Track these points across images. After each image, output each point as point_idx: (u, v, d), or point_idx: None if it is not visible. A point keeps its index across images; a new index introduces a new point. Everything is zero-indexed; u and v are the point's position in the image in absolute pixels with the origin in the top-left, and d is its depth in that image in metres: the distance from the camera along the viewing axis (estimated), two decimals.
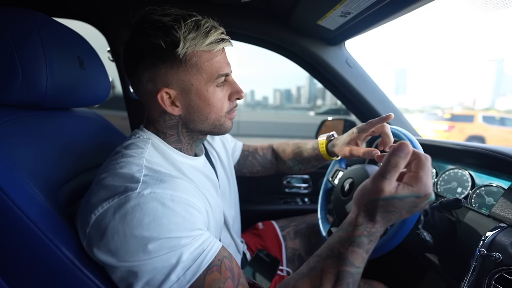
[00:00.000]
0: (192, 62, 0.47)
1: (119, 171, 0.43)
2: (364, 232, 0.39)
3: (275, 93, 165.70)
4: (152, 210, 0.38)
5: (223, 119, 0.54)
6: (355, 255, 0.39)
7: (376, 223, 0.40)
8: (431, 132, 6.80)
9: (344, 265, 0.38)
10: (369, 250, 0.40)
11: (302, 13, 0.80)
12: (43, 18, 0.51)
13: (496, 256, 0.49)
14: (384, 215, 0.39)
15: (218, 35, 0.48)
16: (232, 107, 0.55)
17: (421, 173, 0.37)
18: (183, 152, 0.55)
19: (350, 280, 0.38)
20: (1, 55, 0.45)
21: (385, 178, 0.38)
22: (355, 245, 0.39)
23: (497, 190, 0.64)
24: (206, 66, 0.48)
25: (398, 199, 0.37)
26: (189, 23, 0.45)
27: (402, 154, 0.37)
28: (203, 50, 0.47)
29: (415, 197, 0.37)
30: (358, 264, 0.39)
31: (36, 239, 0.39)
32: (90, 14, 0.90)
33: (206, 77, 0.48)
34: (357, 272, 0.39)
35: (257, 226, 0.97)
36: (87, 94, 0.63)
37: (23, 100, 0.49)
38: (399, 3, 0.65)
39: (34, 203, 0.41)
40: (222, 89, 0.52)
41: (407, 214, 0.40)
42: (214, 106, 0.51)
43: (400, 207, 0.38)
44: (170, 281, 0.37)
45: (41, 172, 0.47)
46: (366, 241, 0.39)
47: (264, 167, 0.88)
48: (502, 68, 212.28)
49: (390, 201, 0.38)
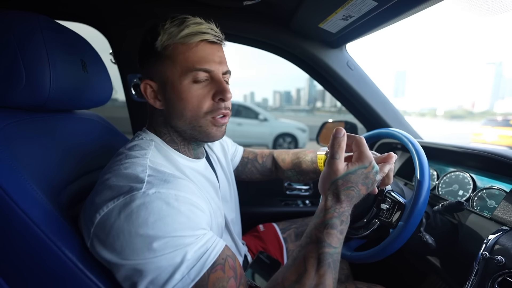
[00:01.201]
0: (168, 53, 0.48)
1: (123, 171, 0.43)
2: (335, 213, 0.43)
3: (275, 94, 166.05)
4: (157, 210, 0.38)
5: (202, 120, 0.51)
6: (330, 236, 0.42)
7: (342, 202, 0.44)
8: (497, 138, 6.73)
9: (323, 247, 0.41)
10: (343, 230, 0.44)
11: (303, 16, 0.80)
12: (47, 20, 0.52)
13: (498, 260, 0.49)
14: (346, 193, 0.44)
15: (197, 28, 0.47)
16: (216, 109, 0.51)
17: (362, 149, 0.46)
18: (182, 153, 0.55)
19: (330, 260, 0.41)
20: (5, 58, 0.46)
21: (336, 159, 0.45)
22: (329, 227, 0.42)
23: (499, 193, 0.64)
24: (181, 58, 0.48)
25: (351, 174, 0.44)
26: (176, 20, 0.47)
27: (339, 136, 0.45)
28: (179, 42, 0.47)
29: (363, 169, 0.45)
30: (335, 244, 0.42)
31: (39, 241, 0.39)
32: (93, 17, 0.90)
33: (181, 70, 0.48)
34: (335, 252, 0.42)
35: (258, 228, 0.97)
36: (90, 97, 0.63)
37: (26, 102, 0.49)
38: (401, 7, 0.65)
39: (37, 205, 0.41)
40: (203, 86, 0.50)
41: (364, 189, 0.45)
42: (188, 102, 0.49)
43: (355, 181, 0.44)
44: (175, 279, 0.38)
45: (43, 174, 0.47)
46: (338, 222, 0.43)
47: (263, 175, 0.88)
48: (500, 71, 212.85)
49: (346, 177, 0.44)
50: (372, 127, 1.08)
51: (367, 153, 0.45)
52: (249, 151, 0.89)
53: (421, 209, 0.52)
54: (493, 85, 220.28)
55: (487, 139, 6.92)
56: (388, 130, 0.67)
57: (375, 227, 0.61)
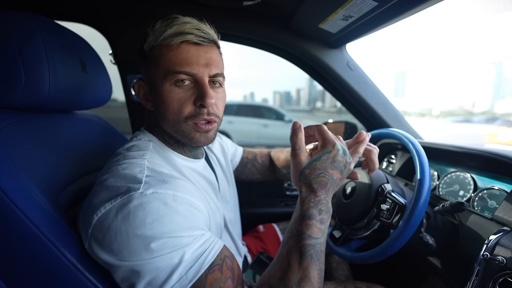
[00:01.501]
0: (152, 55, 0.48)
1: (121, 172, 0.43)
2: (311, 204, 0.43)
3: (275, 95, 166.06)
4: (154, 210, 0.38)
5: (183, 125, 0.49)
6: (310, 227, 0.41)
7: (317, 191, 0.43)
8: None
9: (303, 240, 0.41)
10: (323, 220, 0.43)
11: (303, 17, 0.80)
12: (46, 21, 0.52)
13: (500, 260, 0.49)
14: (317, 181, 0.44)
15: (179, 29, 0.45)
16: (197, 114, 0.48)
17: (324, 135, 0.46)
18: (179, 153, 0.55)
19: (312, 252, 0.41)
20: (4, 58, 0.46)
21: (296, 149, 0.45)
22: (307, 219, 0.42)
23: (500, 193, 0.64)
24: (162, 60, 0.46)
25: (316, 161, 0.44)
26: (166, 21, 0.46)
27: (296, 128, 0.46)
28: (161, 44, 0.46)
29: (327, 153, 0.44)
30: (316, 235, 0.42)
31: (38, 242, 0.39)
32: (92, 17, 0.90)
33: (162, 73, 0.46)
34: (317, 243, 0.41)
35: (258, 229, 0.97)
36: (90, 97, 0.63)
37: (26, 103, 0.49)
38: (401, 7, 0.65)
39: (36, 206, 0.41)
40: (185, 90, 0.47)
41: (336, 173, 0.44)
42: (169, 105, 0.47)
43: (323, 167, 0.44)
44: (172, 280, 0.37)
45: (43, 175, 0.47)
46: (315, 211, 0.42)
47: (263, 174, 0.88)
48: (501, 71, 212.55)
49: (311, 165, 0.44)
50: (372, 128, 1.08)
51: (329, 137, 0.45)
52: (248, 151, 0.89)
53: (422, 210, 0.52)
54: (494, 85, 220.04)
55: (502, 139, 6.88)
56: (389, 131, 0.66)
57: (376, 227, 0.61)
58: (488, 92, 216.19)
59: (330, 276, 0.91)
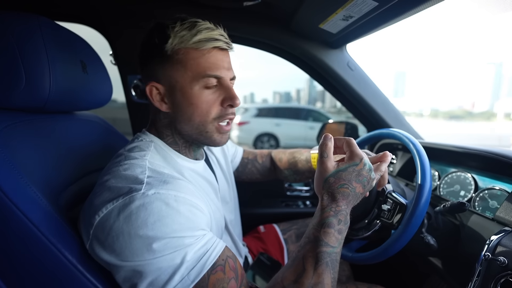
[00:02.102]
0: (178, 58, 0.48)
1: (122, 173, 0.43)
2: (331, 212, 0.44)
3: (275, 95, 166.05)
4: (156, 210, 0.38)
5: (209, 126, 0.51)
6: (328, 235, 0.42)
7: (338, 200, 0.44)
8: None
9: (320, 246, 0.42)
10: (341, 230, 0.44)
11: (304, 17, 0.80)
12: (46, 22, 0.52)
13: (501, 261, 0.49)
14: (341, 191, 0.44)
15: (209, 35, 0.47)
16: (223, 114, 0.52)
17: (352, 148, 0.47)
18: (181, 154, 0.55)
19: (328, 260, 0.41)
20: (4, 59, 0.46)
21: (324, 157, 0.46)
22: (326, 227, 0.43)
23: (501, 193, 0.64)
24: (192, 64, 0.48)
25: (342, 171, 0.45)
26: (186, 23, 0.47)
27: (327, 140, 0.47)
28: (190, 48, 0.47)
29: (354, 166, 0.45)
30: (333, 243, 0.42)
31: (39, 243, 0.39)
32: (92, 18, 0.90)
33: (192, 75, 0.48)
34: (333, 251, 0.42)
35: (258, 229, 0.96)
36: (90, 98, 0.63)
37: (26, 103, 0.49)
38: (401, 7, 0.65)
39: (36, 207, 0.41)
40: (213, 92, 0.50)
41: (359, 187, 0.45)
42: (197, 107, 0.49)
43: (348, 179, 0.45)
44: (174, 281, 0.37)
45: (43, 176, 0.47)
46: (335, 221, 0.43)
47: (263, 175, 0.88)
48: (500, 71, 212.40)
49: (337, 174, 0.45)
50: (372, 128, 1.08)
51: (357, 151, 0.46)
52: (249, 151, 0.89)
53: (423, 210, 0.52)
54: (493, 85, 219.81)
55: None
56: (389, 131, 0.66)
57: (377, 228, 0.61)
58: (488, 93, 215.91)
59: None
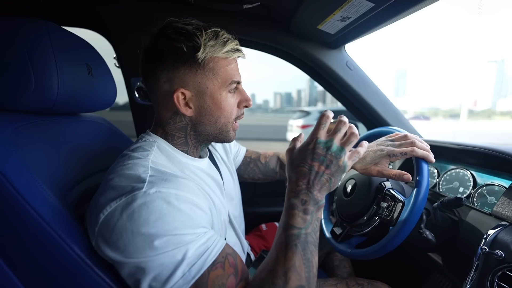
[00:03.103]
0: (210, 66, 0.51)
1: (125, 172, 0.45)
2: (292, 194, 0.45)
3: (276, 96, 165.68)
4: (158, 209, 0.40)
5: (230, 125, 0.56)
6: (293, 217, 0.44)
7: (297, 180, 0.46)
8: None
9: (287, 230, 0.43)
10: (308, 211, 0.44)
11: (302, 18, 0.82)
12: (54, 27, 0.54)
13: (498, 254, 0.50)
14: (297, 170, 0.46)
15: (234, 45, 0.53)
16: (239, 115, 0.58)
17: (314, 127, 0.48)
18: (188, 154, 0.57)
19: (297, 242, 0.42)
20: (15, 63, 0.48)
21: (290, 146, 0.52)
22: (289, 209, 0.44)
23: (499, 189, 0.65)
24: (222, 71, 0.52)
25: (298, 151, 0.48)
26: (209, 32, 0.50)
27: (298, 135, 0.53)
28: (220, 57, 0.51)
29: (306, 145, 0.47)
30: (299, 225, 0.43)
31: (50, 239, 0.40)
32: (96, 22, 0.93)
33: (221, 82, 0.52)
34: (300, 233, 0.43)
35: (260, 227, 0.98)
36: (95, 100, 0.65)
37: (35, 106, 0.51)
38: (397, 7, 0.66)
39: (47, 204, 0.43)
40: (233, 95, 0.55)
41: (321, 167, 0.45)
42: (224, 110, 0.54)
43: (303, 157, 0.46)
44: (176, 276, 0.39)
45: (52, 175, 0.49)
46: (297, 201, 0.44)
47: (265, 175, 0.89)
48: (502, 69, 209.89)
49: (294, 155, 0.48)
50: (372, 126, 1.09)
51: (313, 130, 0.48)
52: (252, 151, 0.90)
53: (420, 207, 0.53)
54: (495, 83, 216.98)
55: None
56: (388, 129, 0.67)
57: (376, 224, 0.62)
58: (490, 90, 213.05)
59: (332, 273, 0.91)
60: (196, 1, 0.82)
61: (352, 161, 0.48)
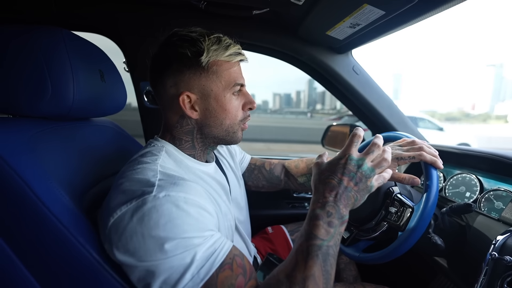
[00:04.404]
0: (213, 69, 0.52)
1: (135, 176, 0.45)
2: (318, 204, 0.45)
3: (275, 97, 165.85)
4: (167, 212, 0.40)
5: (236, 127, 0.58)
6: (316, 228, 0.43)
7: (324, 192, 0.46)
8: None
9: (310, 240, 0.43)
10: (332, 223, 0.44)
11: (311, 24, 0.83)
12: (69, 34, 0.54)
13: (507, 260, 0.50)
14: (326, 182, 0.47)
15: (236, 49, 0.55)
16: (245, 117, 0.59)
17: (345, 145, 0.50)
18: (196, 158, 0.58)
19: (318, 252, 0.42)
20: (33, 71, 0.48)
21: (318, 158, 0.53)
22: (314, 219, 0.44)
23: (506, 194, 0.66)
24: (225, 74, 0.53)
25: (328, 164, 0.49)
26: (212, 38, 0.52)
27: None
28: (223, 60, 0.53)
29: (339, 159, 0.48)
30: (322, 236, 0.43)
31: (69, 244, 0.41)
32: (108, 28, 0.93)
33: (224, 84, 0.53)
34: (323, 244, 0.43)
35: (266, 230, 0.98)
36: (107, 104, 0.66)
37: (52, 112, 0.52)
38: (408, 15, 0.67)
39: (65, 209, 0.43)
40: (237, 98, 0.57)
41: (350, 182, 0.46)
42: (229, 112, 0.55)
43: (333, 170, 0.47)
44: (185, 279, 0.39)
45: (68, 180, 0.50)
46: (323, 213, 0.44)
47: (270, 182, 0.88)
48: (501, 73, 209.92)
49: (324, 166, 0.49)
50: (378, 131, 1.10)
51: (345, 146, 0.49)
52: (256, 159, 0.90)
53: (430, 213, 0.54)
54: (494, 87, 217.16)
55: None
56: (395, 134, 0.68)
57: (384, 229, 0.63)
58: (488, 94, 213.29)
59: (338, 277, 0.92)
60: (207, 8, 0.83)
61: (378, 184, 0.48)
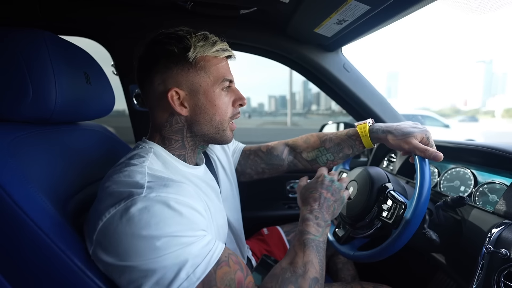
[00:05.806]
0: (201, 65, 0.52)
1: (123, 179, 0.44)
2: (307, 211, 0.59)
3: (270, 99, 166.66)
4: (159, 212, 0.39)
5: (226, 124, 0.56)
6: (308, 226, 0.56)
7: (310, 202, 0.60)
8: None
9: (305, 235, 0.54)
10: (320, 224, 0.57)
11: (299, 22, 0.83)
12: (51, 36, 0.53)
13: (503, 253, 0.50)
14: (310, 195, 0.61)
15: (223, 45, 0.55)
16: (235, 113, 0.58)
17: None
18: (185, 161, 0.57)
19: (313, 244, 0.53)
20: (12, 74, 0.47)
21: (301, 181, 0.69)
22: (306, 221, 0.57)
23: (500, 187, 0.65)
24: (213, 69, 0.53)
25: (310, 183, 0.65)
26: (199, 35, 0.52)
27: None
28: (210, 56, 0.53)
29: (317, 178, 0.65)
30: (314, 233, 0.55)
31: (49, 250, 0.40)
32: (96, 32, 0.93)
33: (213, 79, 0.53)
34: (315, 239, 0.54)
35: (262, 231, 0.97)
36: (93, 108, 0.64)
37: (34, 115, 0.51)
38: (393, 9, 0.67)
39: (46, 215, 0.42)
40: (227, 94, 0.56)
41: (328, 194, 0.61)
42: (219, 108, 0.54)
43: (314, 187, 0.62)
44: (180, 278, 0.38)
45: (51, 185, 0.48)
46: (311, 216, 0.57)
47: (270, 164, 0.81)
48: (491, 69, 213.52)
49: (307, 185, 0.65)
50: None
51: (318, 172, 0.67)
52: (250, 145, 0.86)
53: (422, 208, 0.53)
54: (485, 83, 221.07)
55: None
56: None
57: (378, 226, 0.62)
58: (479, 90, 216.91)
59: (336, 277, 0.91)
60: (194, 8, 0.83)
61: (346, 196, 0.65)
